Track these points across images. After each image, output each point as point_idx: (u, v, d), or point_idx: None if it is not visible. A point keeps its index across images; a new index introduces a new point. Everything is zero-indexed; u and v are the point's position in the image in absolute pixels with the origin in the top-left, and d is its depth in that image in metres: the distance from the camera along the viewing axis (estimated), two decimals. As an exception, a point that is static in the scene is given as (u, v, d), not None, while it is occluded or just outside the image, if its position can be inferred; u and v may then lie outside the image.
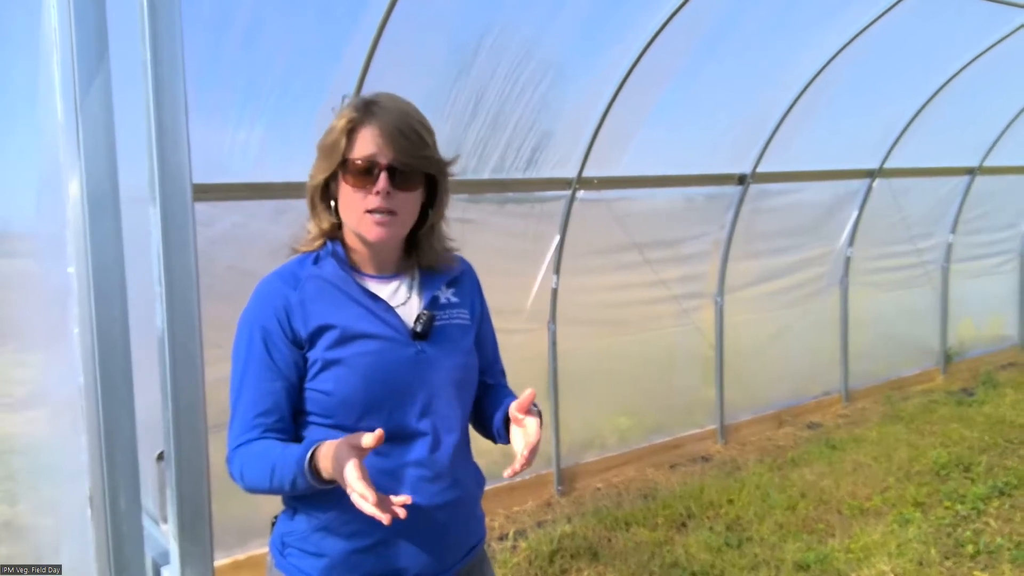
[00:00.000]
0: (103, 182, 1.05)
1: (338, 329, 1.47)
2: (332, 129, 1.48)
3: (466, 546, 1.63)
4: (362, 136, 1.45)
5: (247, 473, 1.45)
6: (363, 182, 1.45)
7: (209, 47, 3.01)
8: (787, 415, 5.75)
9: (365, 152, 1.45)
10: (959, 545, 3.84)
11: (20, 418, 1.68)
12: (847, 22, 4.57)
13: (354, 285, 1.51)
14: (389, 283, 1.57)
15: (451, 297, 1.62)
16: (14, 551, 1.63)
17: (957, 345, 7.02)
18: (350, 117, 1.46)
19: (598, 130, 4.18)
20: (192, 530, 1.05)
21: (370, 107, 1.47)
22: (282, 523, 1.58)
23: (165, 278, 1.00)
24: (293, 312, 1.47)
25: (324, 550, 1.50)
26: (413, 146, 1.47)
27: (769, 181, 5.19)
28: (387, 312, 1.51)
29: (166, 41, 0.98)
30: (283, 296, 1.48)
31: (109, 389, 1.06)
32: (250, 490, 1.47)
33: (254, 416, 1.46)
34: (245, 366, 1.47)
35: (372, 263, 1.57)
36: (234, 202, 3.23)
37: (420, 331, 1.52)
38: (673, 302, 5.06)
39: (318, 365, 1.46)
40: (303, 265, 1.52)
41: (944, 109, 5.63)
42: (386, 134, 1.44)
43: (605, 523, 4.11)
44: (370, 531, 1.48)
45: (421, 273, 1.61)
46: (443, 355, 1.55)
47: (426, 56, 3.57)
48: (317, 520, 1.51)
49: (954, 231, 6.73)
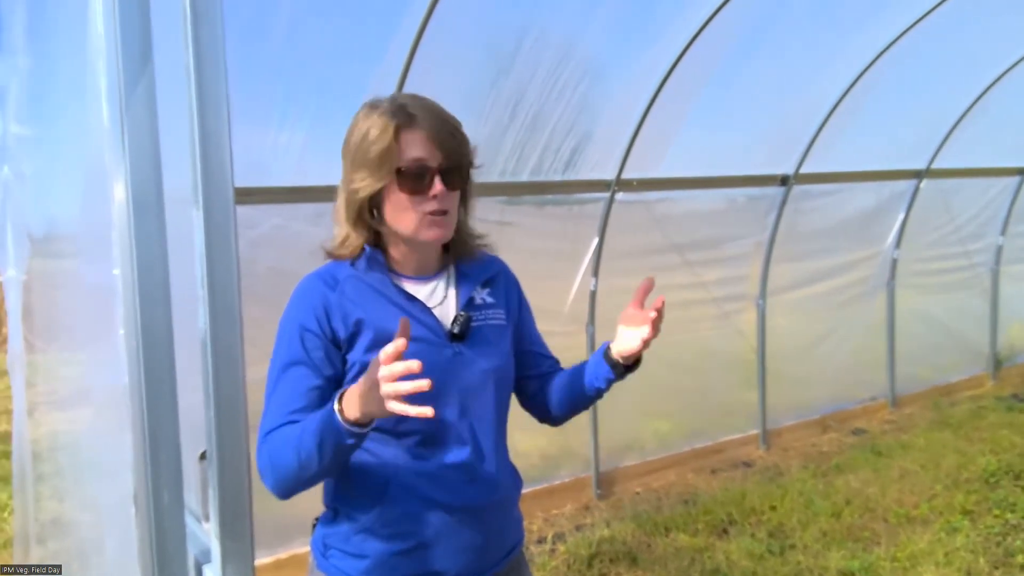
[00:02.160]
0: (147, 185, 1.07)
1: (375, 331, 1.46)
2: (373, 139, 1.44)
3: (504, 548, 1.63)
4: (409, 141, 1.44)
5: (275, 457, 1.40)
6: (419, 187, 1.45)
7: (250, 51, 3.05)
8: (831, 420, 5.65)
9: (414, 156, 1.44)
10: (1009, 555, 3.73)
11: (66, 416, 1.72)
12: (892, 19, 4.48)
13: (392, 287, 1.51)
14: (427, 284, 1.57)
15: (486, 297, 1.62)
16: (60, 547, 1.67)
17: (1007, 349, 6.84)
18: (392, 124, 1.44)
19: (637, 131, 4.15)
20: (234, 528, 1.06)
21: (406, 110, 1.45)
22: (324, 524, 1.58)
23: (207, 280, 1.01)
24: (332, 312, 1.47)
25: (365, 551, 1.51)
26: (459, 146, 1.48)
27: (812, 182, 5.10)
28: (424, 313, 1.51)
29: (208, 46, 1.00)
30: (322, 296, 1.48)
31: (153, 389, 1.08)
32: (278, 480, 1.41)
33: (288, 412, 1.44)
34: (283, 364, 1.46)
35: (413, 265, 1.56)
36: (275, 205, 3.27)
37: (457, 332, 1.52)
38: (714, 304, 5.01)
39: (357, 367, 1.46)
40: (341, 267, 1.52)
41: (993, 108, 5.49)
42: (434, 137, 1.44)
43: (644, 528, 4.08)
44: (411, 533, 1.49)
45: (457, 271, 1.61)
46: (480, 356, 1.55)
47: (465, 58, 3.59)
48: (358, 522, 1.51)
49: (1004, 233, 6.56)
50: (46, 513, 2.12)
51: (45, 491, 2.12)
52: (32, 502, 2.22)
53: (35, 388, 2.11)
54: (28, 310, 2.11)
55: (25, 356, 2.11)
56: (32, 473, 2.20)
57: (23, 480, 2.28)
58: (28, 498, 2.25)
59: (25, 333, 2.14)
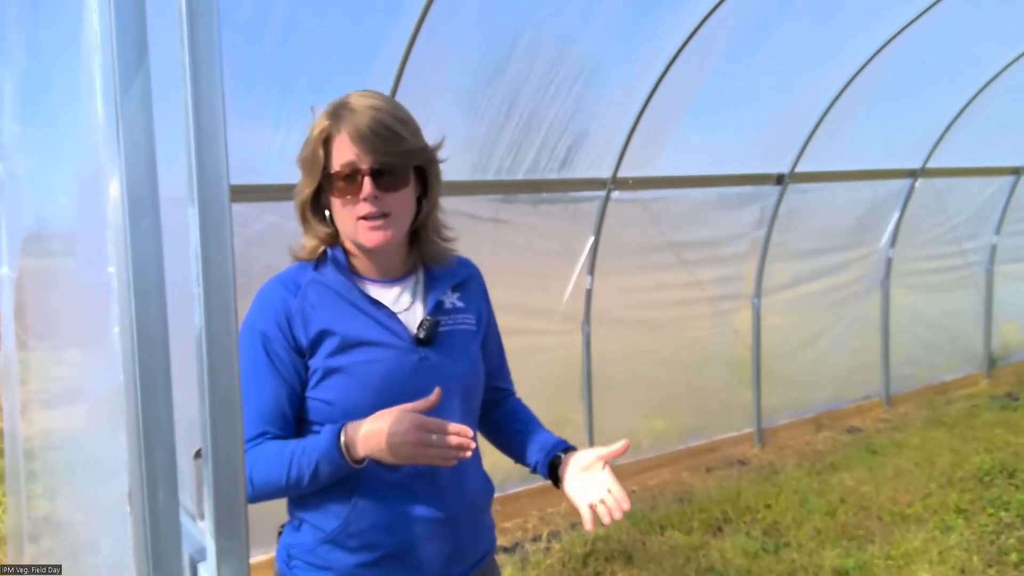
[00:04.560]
0: (143, 183, 1.06)
1: (339, 336, 1.44)
2: (308, 141, 1.44)
3: (474, 557, 1.60)
4: (338, 143, 1.41)
5: (256, 474, 1.41)
6: (349, 190, 1.41)
7: (246, 50, 3.05)
8: (826, 419, 5.67)
9: (344, 159, 1.41)
10: (1002, 553, 3.75)
11: (57, 414, 1.71)
12: (888, 19, 4.49)
13: (356, 291, 1.47)
14: (392, 288, 1.53)
15: (456, 302, 1.57)
16: (54, 545, 1.67)
17: (1001, 349, 6.86)
18: (323, 126, 1.42)
19: (633, 130, 4.15)
20: (229, 527, 1.06)
21: (340, 111, 1.42)
22: (288, 535, 1.55)
23: (203, 278, 1.01)
24: (294, 319, 1.44)
25: (331, 563, 1.48)
26: (389, 143, 1.40)
27: (808, 181, 5.11)
28: (389, 319, 1.48)
29: (204, 45, 0.99)
30: (283, 302, 1.45)
31: (148, 387, 1.08)
32: (255, 492, 1.42)
33: (259, 422, 1.43)
34: (247, 373, 1.42)
35: (375, 268, 1.52)
36: (270, 203, 3.26)
37: (423, 338, 1.48)
38: (709, 303, 5.02)
39: (319, 373, 1.44)
40: (304, 271, 1.49)
41: (989, 107, 5.50)
42: (360, 137, 1.39)
43: (640, 526, 4.09)
44: (377, 545, 1.46)
45: (425, 274, 1.57)
46: (448, 362, 1.51)
47: (461, 57, 3.58)
48: (323, 533, 1.48)
49: (999, 232, 6.58)
50: (39, 511, 2.12)
51: (38, 489, 2.12)
52: (25, 500, 2.22)
53: (27, 386, 2.11)
54: (21, 308, 2.10)
55: (17, 354, 2.11)
56: (25, 471, 2.20)
57: (16, 478, 2.28)
58: (21, 496, 2.25)
59: (18, 331, 2.13)
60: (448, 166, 1.59)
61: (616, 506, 1.49)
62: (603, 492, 1.51)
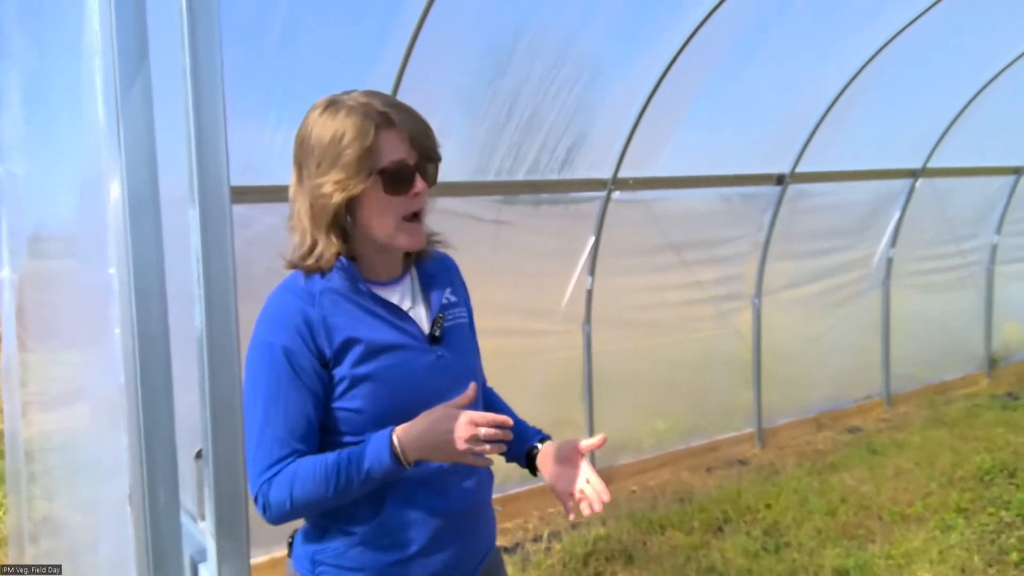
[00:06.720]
0: (143, 184, 1.06)
1: (363, 343, 1.42)
2: (350, 141, 1.38)
3: (485, 547, 1.63)
4: (388, 141, 1.40)
5: (298, 487, 1.38)
6: (401, 187, 1.41)
7: (247, 50, 3.05)
8: (827, 419, 5.66)
9: (397, 156, 1.41)
10: (1003, 552, 3.75)
11: (58, 415, 1.71)
12: (888, 19, 4.48)
13: (367, 296, 1.46)
14: (395, 288, 1.53)
15: (450, 296, 1.59)
16: (54, 546, 1.67)
17: (1002, 349, 6.86)
18: (375, 124, 1.39)
19: (634, 130, 4.15)
20: (229, 527, 1.06)
21: (380, 111, 1.40)
22: (309, 542, 1.53)
23: (204, 279, 1.01)
24: (316, 329, 1.40)
25: (364, 564, 1.48)
26: (434, 143, 1.46)
27: (808, 181, 5.11)
28: (404, 320, 1.48)
29: (205, 46, 0.99)
30: (301, 313, 1.41)
31: (149, 388, 1.08)
32: (295, 509, 1.40)
33: (289, 440, 1.40)
34: (270, 390, 1.39)
35: (381, 270, 1.51)
36: (271, 204, 3.26)
37: (438, 335, 1.50)
38: (710, 304, 5.02)
39: (346, 382, 1.42)
40: (312, 280, 1.45)
41: (989, 107, 5.50)
42: (413, 136, 1.41)
43: (640, 526, 4.08)
44: (410, 541, 1.48)
45: (420, 273, 1.58)
46: (458, 357, 1.54)
47: (462, 57, 3.58)
48: (355, 536, 1.47)
49: (999, 232, 6.57)
50: (40, 512, 2.12)
51: (38, 490, 2.12)
52: (26, 501, 2.22)
53: (28, 387, 2.11)
54: (22, 310, 2.11)
55: (19, 355, 2.11)
56: (26, 472, 2.20)
57: (17, 479, 2.28)
58: (22, 497, 2.25)
59: (19, 332, 2.13)
60: (448, 167, 1.60)
61: (596, 497, 1.53)
62: (583, 483, 1.56)
